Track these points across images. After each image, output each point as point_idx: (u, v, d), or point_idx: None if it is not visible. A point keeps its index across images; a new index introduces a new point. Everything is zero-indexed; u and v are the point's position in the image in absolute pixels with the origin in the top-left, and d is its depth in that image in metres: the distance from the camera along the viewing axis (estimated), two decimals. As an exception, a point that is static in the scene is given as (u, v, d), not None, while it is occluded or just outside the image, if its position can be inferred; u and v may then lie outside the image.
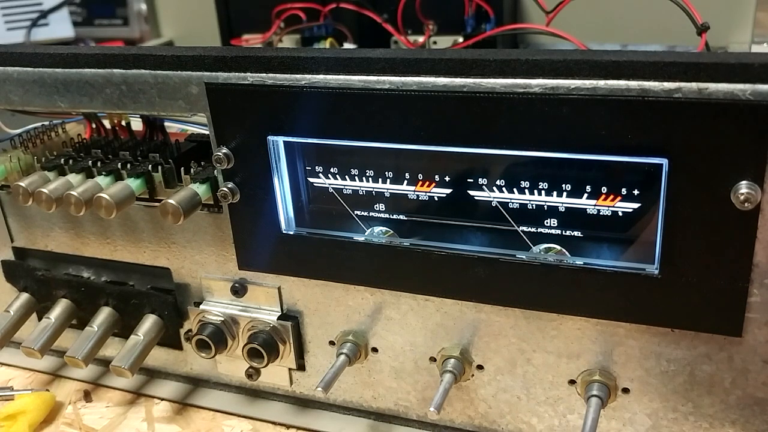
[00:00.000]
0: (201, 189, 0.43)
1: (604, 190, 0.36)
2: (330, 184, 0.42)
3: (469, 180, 0.39)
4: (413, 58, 0.35)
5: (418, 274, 0.40)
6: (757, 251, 0.33)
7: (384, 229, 0.42)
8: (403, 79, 0.36)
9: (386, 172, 0.40)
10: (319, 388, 0.41)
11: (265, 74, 0.38)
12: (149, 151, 0.46)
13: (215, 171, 0.42)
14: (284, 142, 0.41)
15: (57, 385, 0.53)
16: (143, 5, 0.96)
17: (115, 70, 0.42)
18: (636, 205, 0.36)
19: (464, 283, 0.39)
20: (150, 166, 0.45)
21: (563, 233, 0.38)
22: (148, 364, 0.51)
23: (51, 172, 0.46)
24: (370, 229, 0.42)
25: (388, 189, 0.41)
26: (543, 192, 0.37)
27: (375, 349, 0.44)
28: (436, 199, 0.40)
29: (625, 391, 0.39)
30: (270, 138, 0.40)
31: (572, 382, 0.40)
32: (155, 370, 0.52)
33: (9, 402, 0.49)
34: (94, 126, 0.50)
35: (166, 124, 0.48)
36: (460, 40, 0.71)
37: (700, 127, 0.31)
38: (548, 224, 0.38)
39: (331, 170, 0.41)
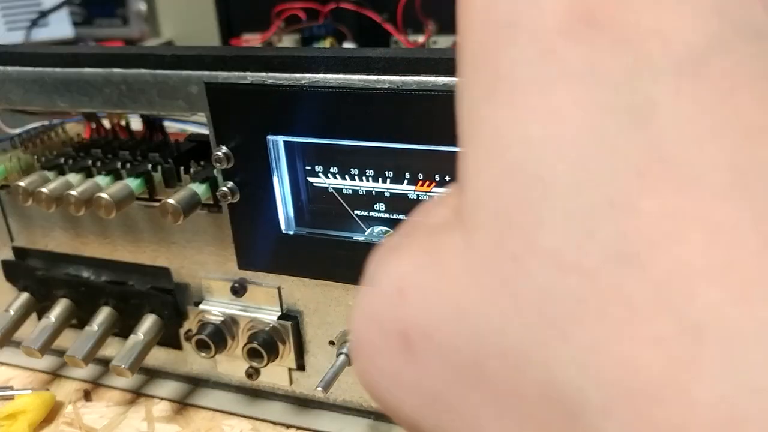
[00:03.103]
0: (200, 189, 0.43)
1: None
2: (330, 184, 0.42)
3: (469, 180, 0.38)
4: (413, 57, 0.35)
5: (418, 273, 0.40)
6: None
7: (384, 229, 0.42)
8: (403, 78, 0.36)
9: (386, 172, 0.40)
10: (319, 388, 0.41)
11: (264, 74, 0.38)
12: (149, 150, 0.45)
13: (215, 171, 0.42)
14: (284, 141, 0.41)
15: (57, 385, 0.53)
16: (143, 5, 0.96)
17: (115, 70, 0.42)
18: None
19: (464, 283, 0.39)
20: (150, 165, 0.45)
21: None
22: (148, 363, 0.51)
23: (51, 171, 0.46)
24: (370, 229, 0.42)
25: (388, 189, 0.41)
26: (543, 192, 0.37)
27: (375, 349, 0.44)
28: (436, 198, 0.40)
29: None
30: (270, 138, 0.40)
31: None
32: (155, 370, 0.52)
33: (9, 402, 0.49)
34: (93, 126, 0.50)
35: (166, 123, 0.48)
36: (460, 39, 0.70)
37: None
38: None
39: (331, 170, 0.41)
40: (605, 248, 0.10)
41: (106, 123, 0.50)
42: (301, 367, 0.47)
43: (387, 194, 0.41)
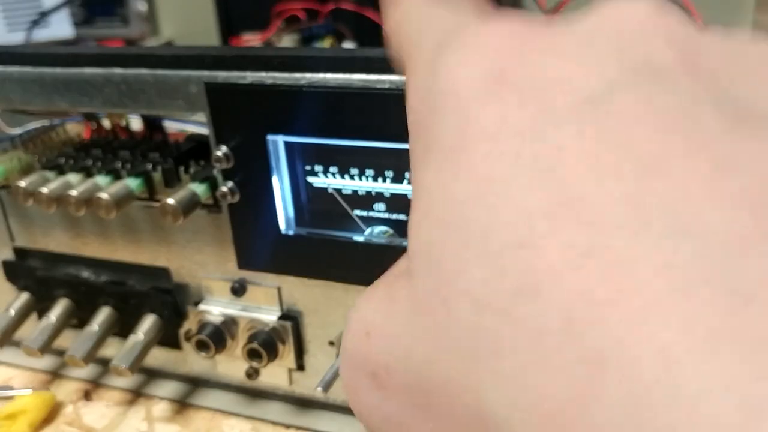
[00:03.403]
0: (200, 189, 0.43)
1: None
2: (329, 184, 0.42)
3: (468, 180, 0.38)
4: (413, 57, 0.35)
5: (418, 273, 0.40)
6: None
7: (384, 228, 0.42)
8: (403, 78, 0.36)
9: (386, 172, 0.40)
10: (319, 388, 0.41)
11: (264, 73, 0.38)
12: (149, 150, 0.46)
13: (215, 171, 0.42)
14: (284, 141, 0.41)
15: (57, 385, 0.53)
16: (143, 5, 0.96)
17: (115, 70, 0.42)
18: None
19: (464, 283, 0.39)
20: (150, 165, 0.45)
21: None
22: (147, 363, 0.51)
23: (51, 172, 0.46)
24: (369, 229, 0.42)
25: (388, 189, 0.41)
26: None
27: (375, 349, 0.44)
28: (435, 198, 0.40)
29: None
30: (269, 138, 0.40)
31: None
32: (155, 370, 0.52)
33: (9, 402, 0.49)
34: (94, 126, 0.50)
35: (166, 123, 0.48)
36: (460, 39, 0.70)
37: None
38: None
39: (331, 170, 0.41)
40: (514, 285, 0.11)
41: (107, 123, 0.50)
42: (300, 367, 0.47)
43: (387, 194, 0.41)
